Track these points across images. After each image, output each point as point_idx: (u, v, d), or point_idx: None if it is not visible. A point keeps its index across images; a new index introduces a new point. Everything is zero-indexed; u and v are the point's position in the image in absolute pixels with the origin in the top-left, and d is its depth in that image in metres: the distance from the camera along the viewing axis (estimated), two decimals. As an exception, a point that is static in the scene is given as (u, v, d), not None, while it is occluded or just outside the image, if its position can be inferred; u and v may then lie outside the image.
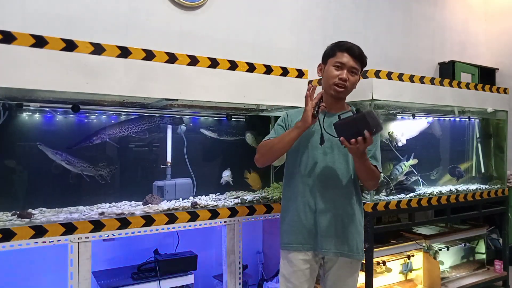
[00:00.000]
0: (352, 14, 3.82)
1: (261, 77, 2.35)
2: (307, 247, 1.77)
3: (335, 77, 1.73)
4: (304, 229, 1.77)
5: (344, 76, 1.72)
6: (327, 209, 1.75)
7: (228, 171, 2.66)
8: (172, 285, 2.19)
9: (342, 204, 1.76)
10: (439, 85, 3.05)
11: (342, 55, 1.73)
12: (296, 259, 1.79)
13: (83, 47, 1.86)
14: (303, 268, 1.78)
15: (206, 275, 2.62)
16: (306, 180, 1.78)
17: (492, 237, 3.79)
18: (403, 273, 3.09)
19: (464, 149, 3.79)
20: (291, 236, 1.80)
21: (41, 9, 2.44)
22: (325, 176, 1.76)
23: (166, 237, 2.45)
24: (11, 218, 1.88)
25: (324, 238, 1.74)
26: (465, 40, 4.84)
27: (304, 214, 1.77)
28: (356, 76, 1.76)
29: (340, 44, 1.76)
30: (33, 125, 2.20)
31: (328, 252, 1.75)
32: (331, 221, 1.74)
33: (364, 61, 1.77)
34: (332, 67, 1.74)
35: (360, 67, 1.77)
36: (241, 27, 3.17)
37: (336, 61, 1.73)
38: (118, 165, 2.41)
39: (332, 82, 1.74)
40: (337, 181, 1.76)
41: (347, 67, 1.72)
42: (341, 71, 1.73)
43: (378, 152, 1.82)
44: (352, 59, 1.72)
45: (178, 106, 2.40)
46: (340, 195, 1.76)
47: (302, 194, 1.78)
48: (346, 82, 1.72)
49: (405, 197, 2.89)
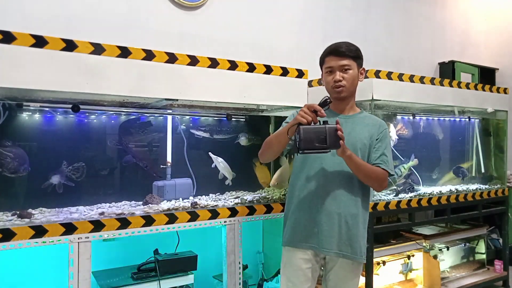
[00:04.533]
0: (352, 14, 3.82)
1: (261, 77, 2.35)
2: (307, 246, 1.77)
3: (330, 83, 1.77)
4: (305, 228, 1.77)
5: (337, 77, 1.74)
6: (331, 210, 1.74)
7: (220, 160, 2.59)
8: (172, 285, 2.19)
9: (346, 205, 1.75)
10: (439, 85, 3.05)
11: (329, 59, 1.77)
12: (297, 258, 1.79)
13: (83, 47, 1.86)
14: (304, 268, 1.78)
15: (206, 275, 2.62)
16: (311, 179, 1.78)
17: (492, 237, 3.79)
18: (403, 273, 3.09)
19: (464, 149, 3.79)
20: (292, 234, 1.81)
21: (41, 9, 2.43)
22: (331, 176, 1.76)
23: (166, 237, 2.45)
24: (11, 218, 1.88)
25: (326, 238, 1.73)
26: (465, 40, 4.84)
27: (307, 213, 1.78)
28: (351, 71, 1.75)
29: (326, 49, 1.80)
30: (33, 125, 2.20)
31: (330, 252, 1.74)
32: (334, 221, 1.73)
33: (354, 53, 1.76)
34: (325, 74, 1.80)
35: (352, 61, 1.76)
36: (241, 27, 3.17)
37: (326, 67, 1.79)
38: (118, 166, 2.41)
39: (330, 87, 1.79)
40: (343, 182, 1.75)
41: (336, 68, 1.75)
42: (333, 74, 1.76)
43: (387, 152, 1.80)
44: (338, 58, 1.74)
45: (178, 106, 2.40)
46: (345, 196, 1.75)
47: (307, 193, 1.79)
48: (341, 81, 1.74)
49: (405, 197, 2.89)
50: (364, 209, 1.80)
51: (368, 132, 1.80)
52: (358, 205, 1.77)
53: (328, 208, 1.74)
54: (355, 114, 1.85)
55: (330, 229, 1.73)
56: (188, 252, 2.31)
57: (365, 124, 1.82)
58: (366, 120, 1.84)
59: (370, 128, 1.81)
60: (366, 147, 1.78)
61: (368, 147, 1.78)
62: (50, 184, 2.15)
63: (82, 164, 2.24)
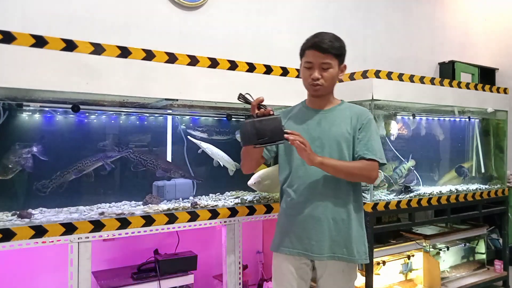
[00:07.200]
0: (352, 14, 3.82)
1: (261, 77, 2.35)
2: (296, 252, 1.69)
3: (308, 78, 1.67)
4: (292, 233, 1.69)
5: (315, 75, 1.64)
6: (319, 214, 1.65)
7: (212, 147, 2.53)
8: (172, 285, 2.18)
9: (335, 208, 1.65)
10: (439, 85, 3.05)
11: (309, 53, 1.64)
12: (285, 263, 1.72)
13: (83, 47, 1.86)
14: (293, 271, 1.71)
15: (206, 275, 2.62)
16: (296, 182, 1.70)
17: (492, 237, 3.80)
18: (403, 273, 3.09)
19: (464, 149, 3.79)
20: (280, 239, 1.73)
21: (41, 9, 2.43)
22: (315, 177, 1.66)
23: (166, 237, 2.45)
24: (11, 218, 1.88)
25: (317, 244, 1.64)
26: (465, 40, 4.84)
27: (292, 218, 1.70)
28: (331, 69, 1.64)
29: (308, 40, 1.67)
30: (33, 125, 2.20)
31: (322, 257, 1.65)
32: (323, 226, 1.64)
33: (337, 51, 1.64)
34: (304, 68, 1.68)
35: (334, 59, 1.64)
36: (241, 27, 3.17)
37: (305, 61, 1.67)
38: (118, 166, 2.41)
39: (306, 83, 1.69)
40: (329, 181, 1.66)
41: (316, 65, 1.63)
42: (311, 70, 1.65)
43: (373, 142, 1.67)
44: (319, 55, 1.62)
45: (178, 106, 2.40)
46: (333, 198, 1.66)
47: (292, 196, 1.70)
48: (319, 80, 1.64)
49: (405, 197, 2.89)
50: (357, 207, 1.70)
51: (349, 123, 1.69)
52: (348, 204, 1.67)
53: (315, 213, 1.65)
54: (335, 107, 1.74)
55: (319, 234, 1.64)
56: (188, 252, 2.31)
57: (345, 116, 1.71)
58: (346, 112, 1.72)
59: (352, 119, 1.70)
60: (350, 139, 1.68)
61: (352, 139, 1.68)
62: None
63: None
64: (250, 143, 1.50)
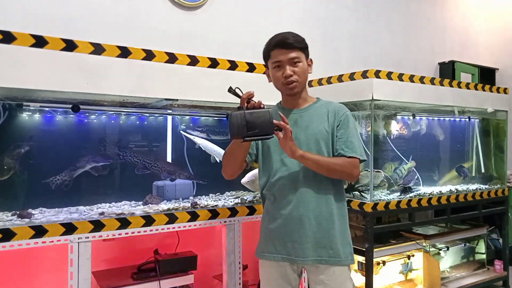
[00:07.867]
0: (352, 14, 3.82)
1: (261, 77, 2.34)
2: (279, 257, 1.64)
3: (280, 78, 1.63)
4: (275, 237, 1.65)
5: (287, 72, 1.61)
6: (300, 214, 1.61)
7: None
8: (172, 285, 2.18)
9: (317, 206, 1.61)
10: (439, 85, 3.05)
11: (275, 53, 1.62)
12: (270, 269, 1.68)
13: (83, 47, 1.86)
14: (278, 278, 1.66)
15: (206, 275, 2.62)
16: (276, 183, 1.65)
17: (492, 237, 3.80)
18: (403, 273, 3.09)
19: (464, 149, 3.79)
20: (263, 245, 1.70)
21: (41, 9, 2.44)
22: (295, 176, 1.63)
23: (166, 237, 2.45)
24: (11, 218, 1.88)
25: (300, 246, 1.60)
26: (465, 40, 4.84)
27: (273, 221, 1.66)
28: (301, 63, 1.62)
29: (270, 42, 1.65)
30: (33, 125, 2.19)
31: (307, 261, 1.60)
32: (305, 226, 1.60)
33: (302, 44, 1.64)
34: (273, 70, 1.66)
35: (301, 53, 1.63)
36: (241, 27, 3.17)
37: (273, 61, 1.64)
38: (118, 166, 2.41)
39: (280, 84, 1.66)
40: (309, 181, 1.62)
41: (285, 62, 1.61)
42: (282, 69, 1.62)
43: (353, 139, 1.64)
44: (286, 51, 1.60)
45: (178, 106, 2.40)
46: (314, 196, 1.62)
47: (273, 199, 1.67)
48: (293, 76, 1.62)
49: (405, 197, 2.89)
50: (339, 205, 1.66)
51: (327, 121, 1.67)
52: (330, 202, 1.63)
53: (296, 213, 1.61)
54: (311, 105, 1.72)
55: (303, 237, 1.60)
56: (188, 252, 2.31)
57: (322, 113, 1.68)
58: (323, 109, 1.69)
59: (329, 115, 1.68)
60: (329, 137, 1.65)
61: (331, 136, 1.66)
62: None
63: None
64: (239, 135, 1.45)
